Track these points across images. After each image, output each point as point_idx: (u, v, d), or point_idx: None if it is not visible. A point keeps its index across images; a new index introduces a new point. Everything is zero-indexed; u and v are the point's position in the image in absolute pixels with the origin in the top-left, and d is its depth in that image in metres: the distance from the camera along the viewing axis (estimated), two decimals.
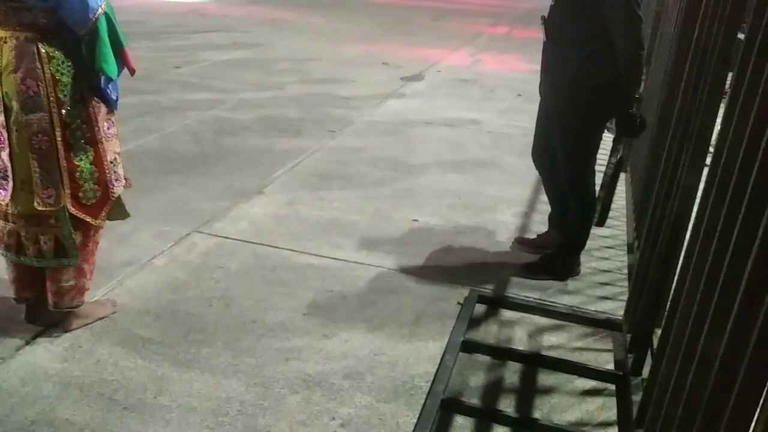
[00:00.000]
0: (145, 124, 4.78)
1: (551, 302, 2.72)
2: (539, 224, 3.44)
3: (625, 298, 2.67)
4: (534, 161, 3.05)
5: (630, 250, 3.14)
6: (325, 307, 2.60)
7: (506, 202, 3.76)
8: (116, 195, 2.25)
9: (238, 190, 3.70)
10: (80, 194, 2.14)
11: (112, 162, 2.21)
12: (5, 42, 1.98)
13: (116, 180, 2.24)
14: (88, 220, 2.18)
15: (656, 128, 2.81)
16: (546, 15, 2.73)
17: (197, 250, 2.98)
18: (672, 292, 1.77)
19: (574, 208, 2.88)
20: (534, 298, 2.74)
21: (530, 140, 3.07)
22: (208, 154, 4.30)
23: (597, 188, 2.88)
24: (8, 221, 2.15)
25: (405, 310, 2.60)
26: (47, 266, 2.20)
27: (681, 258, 1.74)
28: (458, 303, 2.66)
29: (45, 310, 2.28)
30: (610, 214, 3.60)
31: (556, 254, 2.94)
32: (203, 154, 4.30)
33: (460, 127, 5.28)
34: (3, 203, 2.13)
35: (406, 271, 2.92)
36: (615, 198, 3.65)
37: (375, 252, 3.07)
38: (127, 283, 2.66)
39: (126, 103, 2.27)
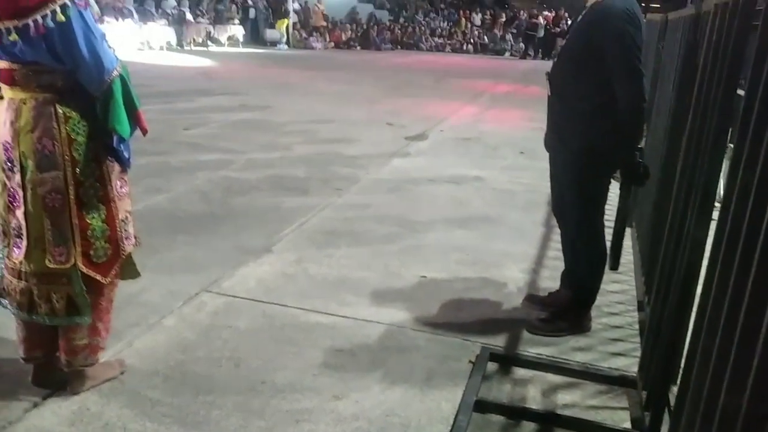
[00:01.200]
0: (155, 185, 4.84)
1: (564, 359, 2.68)
2: (547, 280, 3.43)
3: (638, 354, 2.63)
4: (554, 215, 3.08)
5: (640, 306, 3.11)
6: (334, 366, 2.56)
7: (513, 258, 3.76)
8: (126, 253, 2.26)
9: (247, 248, 3.71)
10: (91, 252, 2.15)
11: (123, 220, 2.23)
12: (24, 103, 2.03)
13: (126, 238, 2.26)
14: (98, 278, 2.18)
15: (660, 182, 2.84)
16: (550, 71, 2.80)
17: (206, 309, 2.97)
18: (687, 346, 1.75)
19: (585, 261, 2.88)
20: (546, 356, 2.70)
21: (533, 196, 3.11)
22: (217, 213, 4.34)
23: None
24: (21, 279, 2.16)
25: (416, 369, 2.56)
26: (59, 324, 2.19)
27: (694, 311, 1.72)
28: (470, 361, 2.62)
29: (53, 371, 2.26)
30: (619, 269, 3.61)
31: (566, 309, 2.92)
32: (212, 213, 4.33)
33: (464, 184, 5.33)
34: (17, 261, 2.14)
35: (416, 328, 2.89)
36: (622, 253, 3.67)
37: (384, 309, 3.05)
38: (136, 344, 2.64)
39: (135, 164, 2.31)
